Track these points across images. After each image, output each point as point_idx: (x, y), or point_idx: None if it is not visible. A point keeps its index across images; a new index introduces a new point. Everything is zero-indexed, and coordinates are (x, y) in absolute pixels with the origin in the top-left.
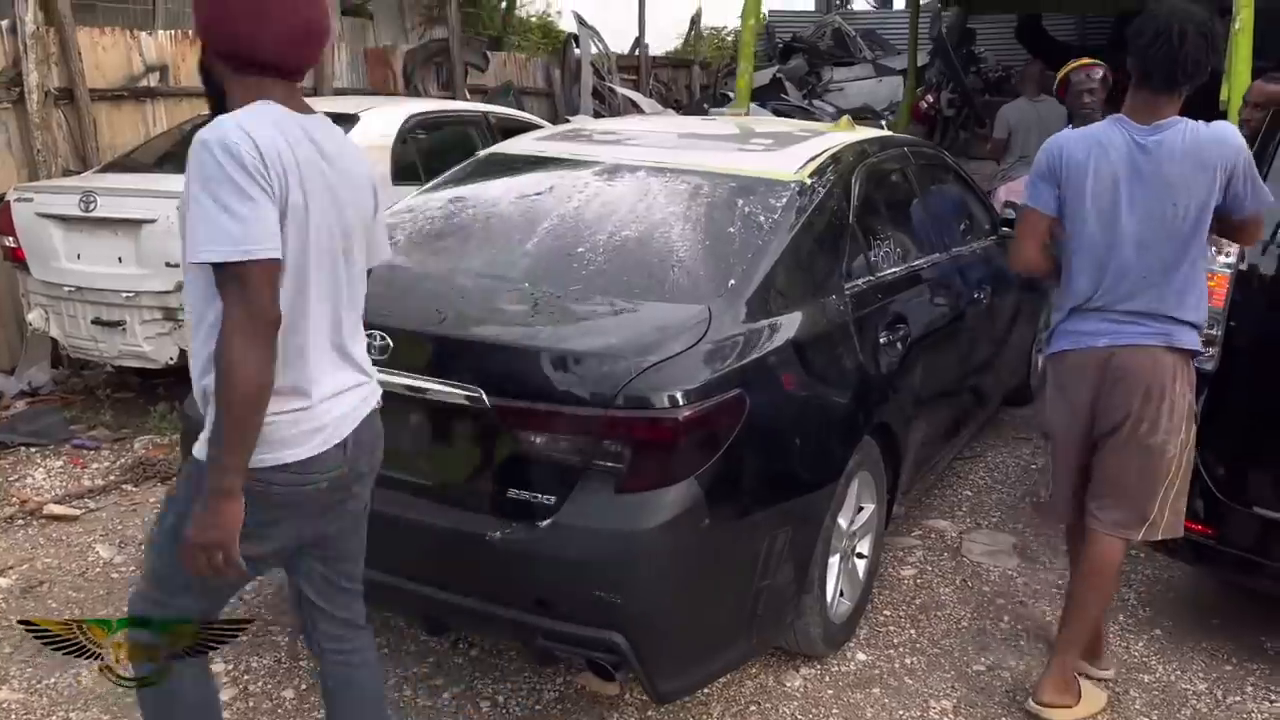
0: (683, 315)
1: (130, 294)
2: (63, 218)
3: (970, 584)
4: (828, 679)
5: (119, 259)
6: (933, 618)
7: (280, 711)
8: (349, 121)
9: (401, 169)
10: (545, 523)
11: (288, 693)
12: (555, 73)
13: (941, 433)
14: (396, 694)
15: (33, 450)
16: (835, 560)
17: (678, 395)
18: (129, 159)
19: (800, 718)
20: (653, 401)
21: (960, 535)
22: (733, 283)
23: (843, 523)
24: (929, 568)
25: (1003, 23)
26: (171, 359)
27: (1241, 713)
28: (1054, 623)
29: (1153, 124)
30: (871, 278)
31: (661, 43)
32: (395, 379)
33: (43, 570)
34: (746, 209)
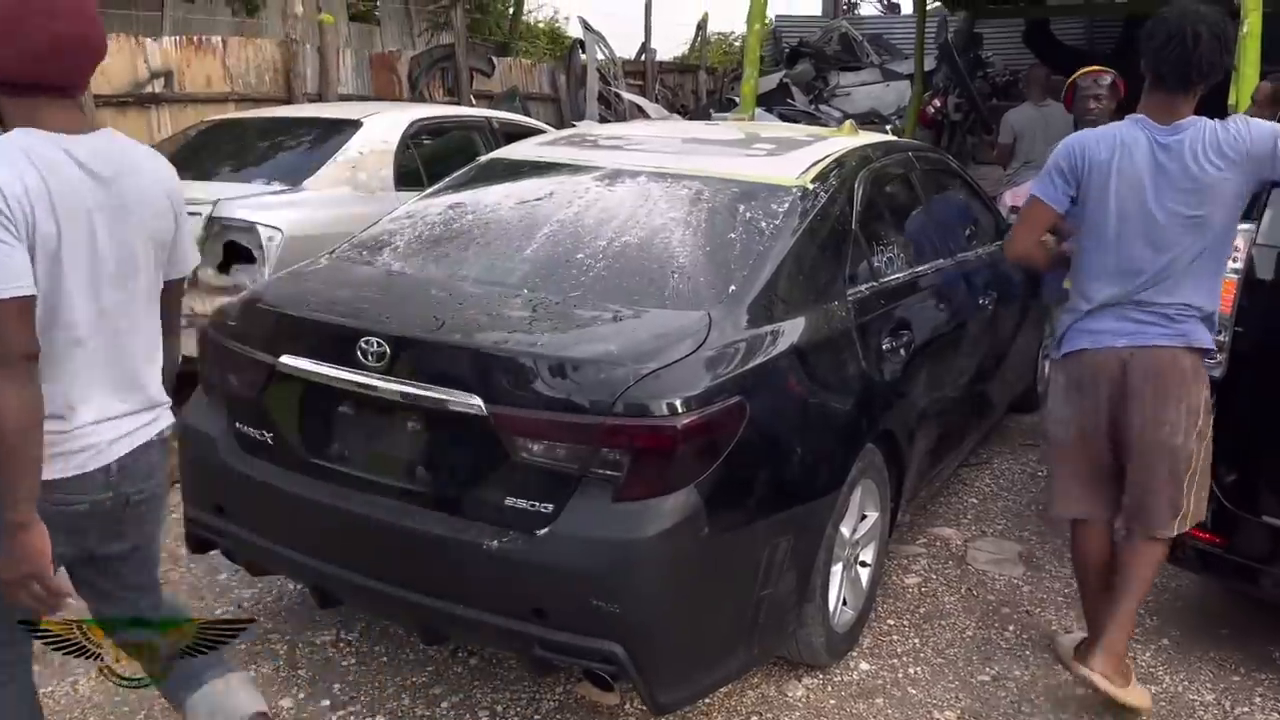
0: (682, 322)
1: None
2: None
3: (975, 592)
4: (830, 689)
5: None
6: (937, 627)
7: None
8: (352, 127)
9: (404, 174)
10: (542, 531)
11: (286, 702)
12: (561, 78)
13: (946, 440)
14: (394, 703)
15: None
16: (838, 569)
17: (676, 403)
18: None
19: None
20: (651, 409)
21: (965, 543)
22: (733, 289)
23: (845, 531)
24: (934, 576)
25: (1010, 27)
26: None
27: None
28: (1060, 631)
29: (1172, 124)
30: (875, 283)
31: (668, 48)
32: (392, 386)
33: None
34: (748, 214)
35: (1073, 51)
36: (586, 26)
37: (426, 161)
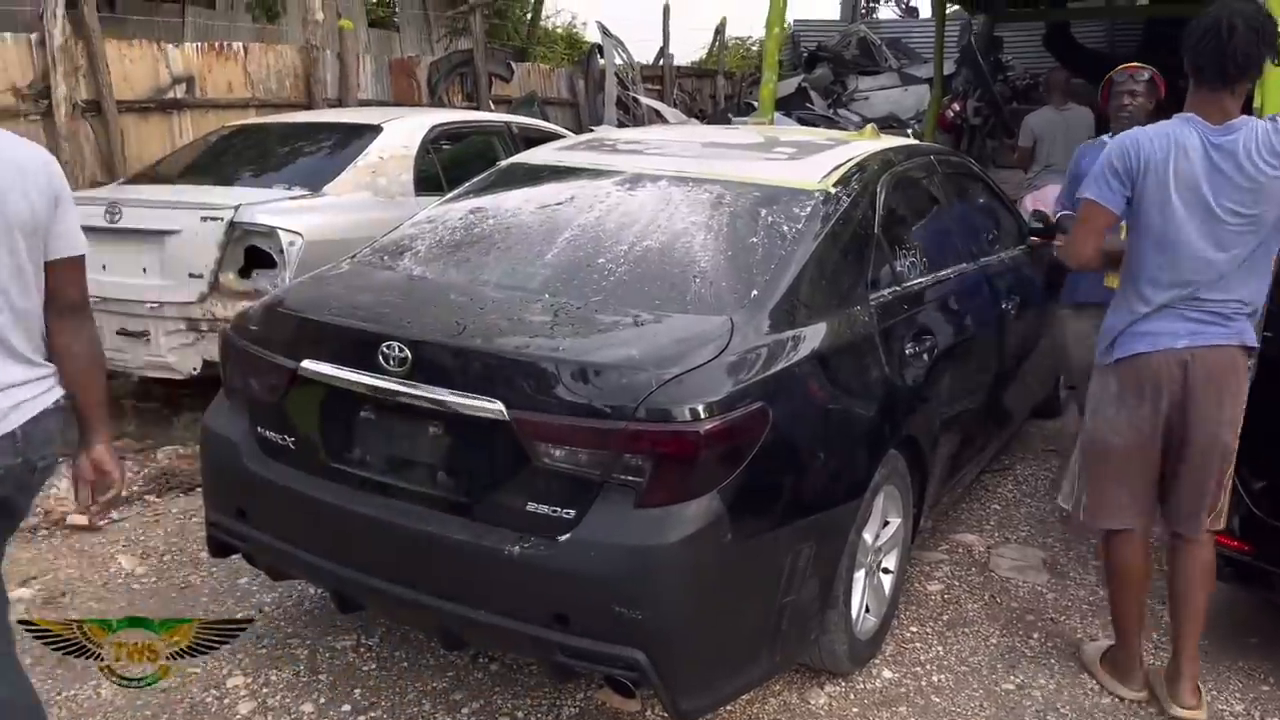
0: (705, 327)
1: (154, 305)
2: (89, 229)
3: (999, 600)
4: (853, 697)
5: (144, 270)
6: (960, 634)
7: None
8: (373, 132)
9: (424, 179)
10: (564, 537)
11: (307, 706)
12: (579, 83)
13: (969, 445)
14: (415, 709)
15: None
16: (861, 575)
17: (699, 408)
18: (154, 170)
19: None
20: (674, 414)
21: (988, 550)
22: (755, 294)
23: (868, 537)
24: (956, 583)
25: (1030, 31)
26: (195, 369)
27: None
28: (1085, 640)
29: (1224, 124)
30: (897, 288)
31: (685, 53)
32: (414, 391)
33: (65, 581)
34: (770, 219)
35: (1094, 55)
36: (605, 31)
37: (446, 166)
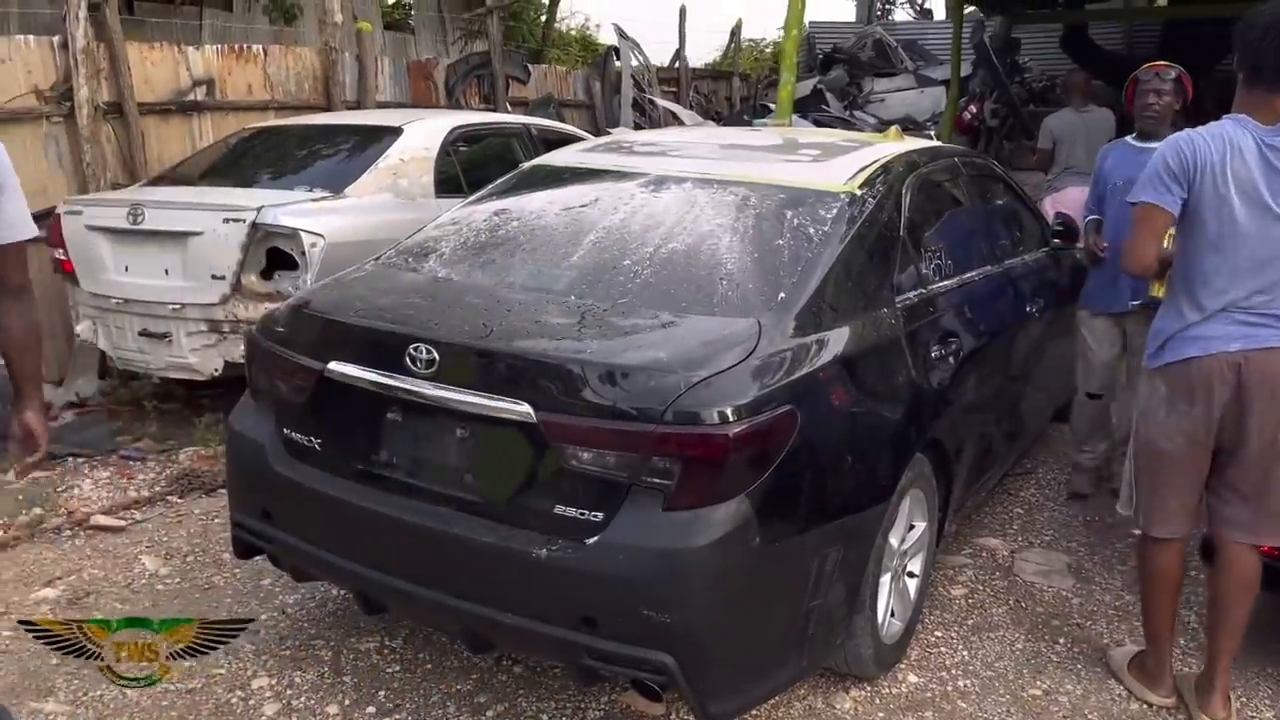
0: (732, 329)
1: (176, 306)
2: (111, 230)
3: (1024, 604)
4: (878, 701)
5: (166, 271)
6: (985, 639)
7: None
8: (393, 134)
9: (444, 181)
10: (592, 540)
11: (332, 708)
12: (596, 85)
13: (993, 449)
14: (440, 711)
15: (80, 461)
16: (886, 579)
17: (728, 411)
18: (175, 172)
19: None
20: (703, 417)
21: (1012, 554)
22: (782, 296)
23: (894, 541)
24: (980, 587)
25: (1048, 32)
26: (217, 371)
27: None
28: (1112, 645)
29: (1277, 124)
30: (923, 291)
31: (697, 55)
32: (441, 393)
33: (89, 581)
34: (795, 221)
35: (1112, 56)
36: (621, 34)
37: (466, 168)
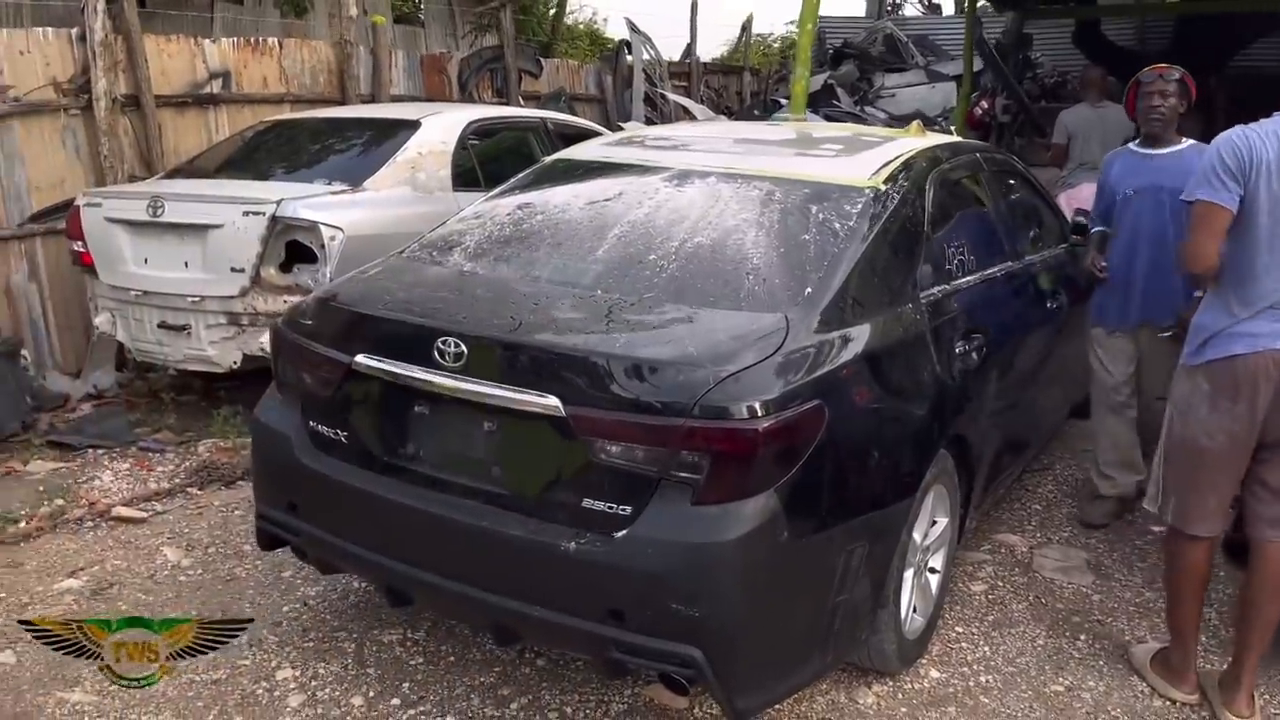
0: (760, 324)
1: (196, 298)
2: (131, 223)
3: (1044, 601)
4: (901, 696)
5: (185, 264)
6: (1006, 635)
7: (350, 719)
8: (411, 128)
9: (461, 174)
10: (621, 534)
11: (356, 699)
12: (607, 79)
13: (1014, 444)
14: (464, 704)
15: (100, 452)
16: (909, 575)
17: (757, 406)
18: (193, 165)
19: None
20: (732, 412)
21: (1031, 550)
22: (809, 291)
23: (917, 537)
24: (1000, 583)
25: (1060, 28)
26: (235, 363)
27: None
28: (1133, 642)
29: None
30: (946, 286)
31: (706, 49)
32: (469, 386)
33: (112, 572)
34: (821, 216)
35: (1124, 52)
36: (633, 28)
37: (483, 162)
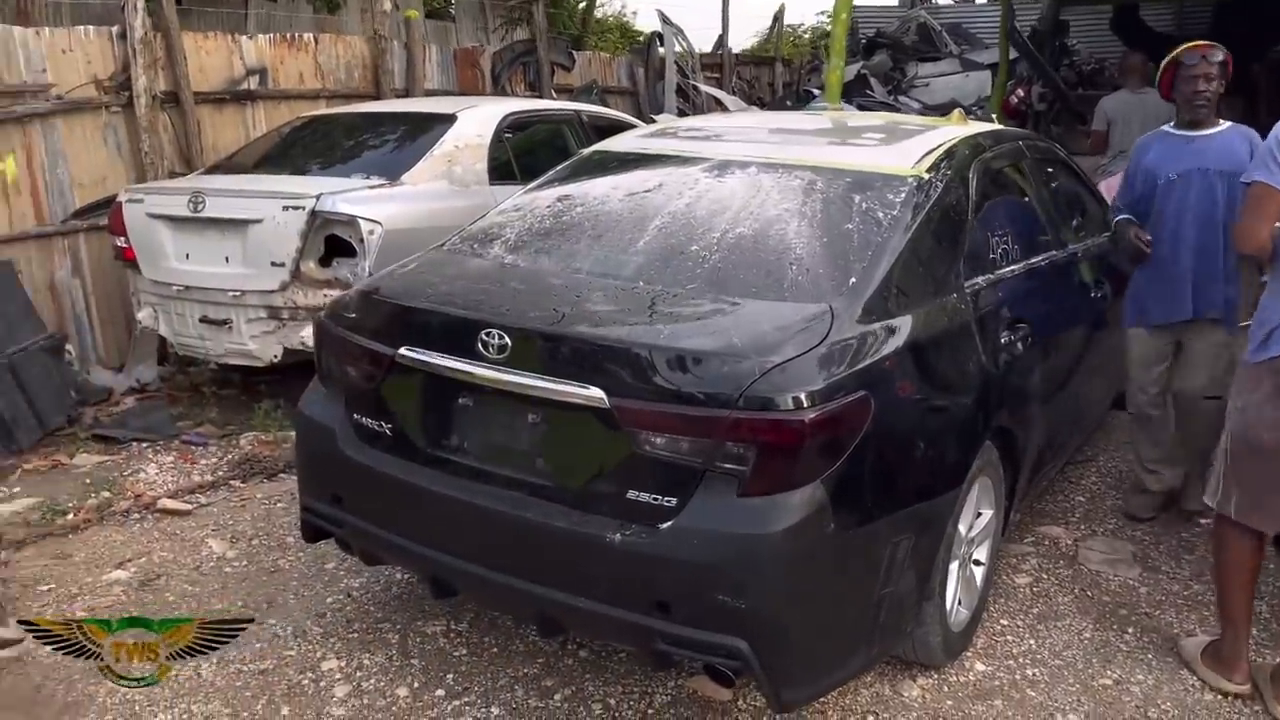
0: (804, 314)
1: (236, 293)
2: (172, 218)
3: (1090, 593)
4: (946, 689)
5: (226, 258)
6: (1052, 628)
7: (395, 710)
8: (447, 122)
9: (497, 168)
10: (666, 525)
11: (401, 690)
12: (639, 71)
13: (1058, 435)
14: (508, 695)
15: (144, 445)
16: (954, 567)
17: (803, 397)
18: (231, 160)
19: None
20: (777, 403)
21: (1075, 542)
22: (854, 281)
23: (962, 529)
24: (1045, 576)
25: (1097, 14)
26: (275, 357)
27: None
28: (1182, 635)
29: None
30: (991, 275)
31: (738, 41)
32: (513, 378)
33: (159, 564)
34: (864, 205)
35: (1163, 37)
36: (665, 20)
37: (518, 154)
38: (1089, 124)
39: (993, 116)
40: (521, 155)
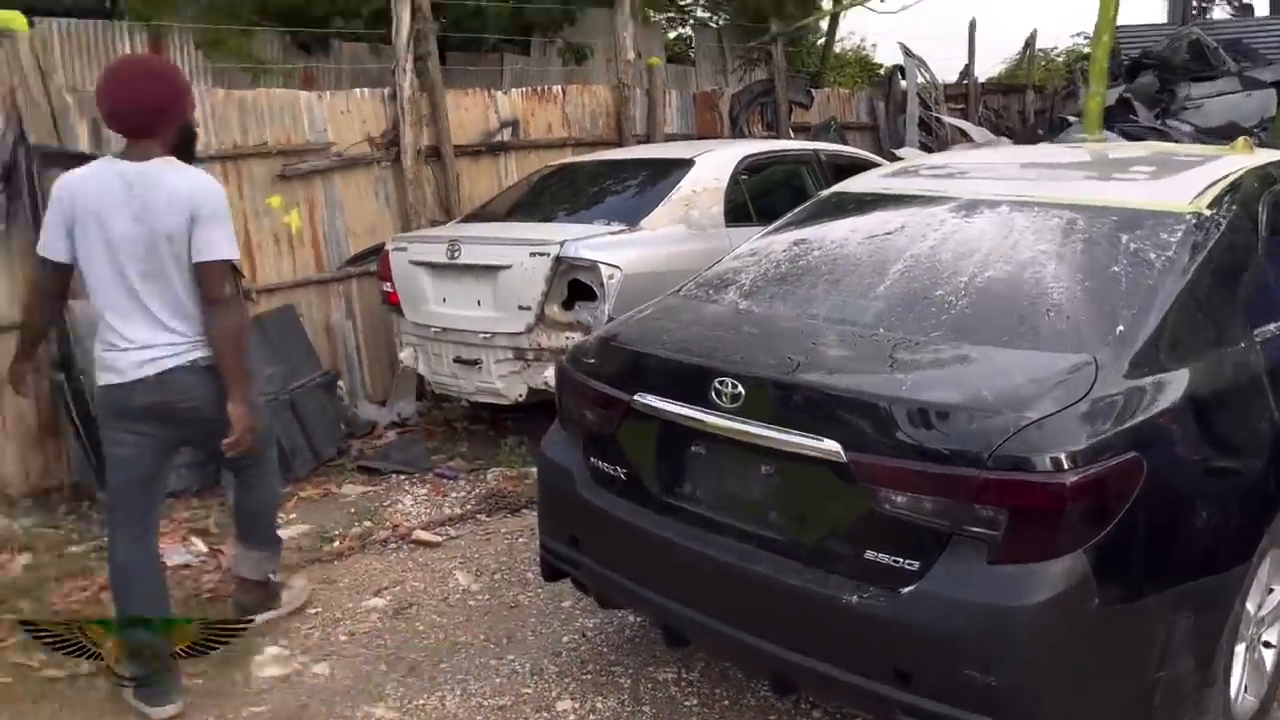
0: (1063, 365)
1: (487, 335)
2: (432, 265)
3: None
4: None
5: (478, 302)
6: None
7: None
8: (684, 166)
9: (733, 210)
10: (908, 589)
11: None
12: (879, 105)
13: None
14: None
15: (401, 478)
16: (1240, 649)
17: (1063, 457)
18: (485, 209)
19: None
20: (1034, 463)
21: None
22: (1121, 329)
23: (1251, 607)
24: None
25: None
26: (521, 396)
27: None
28: None
29: None
30: None
31: (985, 69)
32: (747, 428)
33: (411, 594)
34: (1133, 246)
35: None
36: (907, 52)
37: (755, 196)
38: None
39: None
40: (758, 197)
